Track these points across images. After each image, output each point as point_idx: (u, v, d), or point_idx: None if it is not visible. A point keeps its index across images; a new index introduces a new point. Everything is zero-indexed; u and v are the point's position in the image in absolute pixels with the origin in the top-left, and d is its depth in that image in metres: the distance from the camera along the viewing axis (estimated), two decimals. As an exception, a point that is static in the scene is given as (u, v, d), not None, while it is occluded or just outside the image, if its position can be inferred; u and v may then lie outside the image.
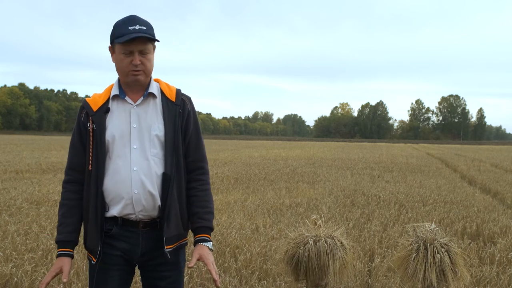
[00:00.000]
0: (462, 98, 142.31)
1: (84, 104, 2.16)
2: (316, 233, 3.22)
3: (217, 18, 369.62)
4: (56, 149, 27.78)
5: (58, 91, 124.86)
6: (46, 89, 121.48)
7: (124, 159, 2.09)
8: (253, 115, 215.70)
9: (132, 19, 2.08)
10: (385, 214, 7.57)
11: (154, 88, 2.16)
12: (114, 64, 2.15)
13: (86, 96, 2.41)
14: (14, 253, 4.83)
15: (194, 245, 2.16)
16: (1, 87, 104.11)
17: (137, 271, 2.30)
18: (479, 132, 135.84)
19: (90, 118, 2.11)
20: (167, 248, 2.11)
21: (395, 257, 3.34)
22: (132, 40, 2.03)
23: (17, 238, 5.41)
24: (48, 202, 8.18)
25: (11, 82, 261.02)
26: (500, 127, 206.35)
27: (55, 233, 2.28)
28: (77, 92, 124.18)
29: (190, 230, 2.25)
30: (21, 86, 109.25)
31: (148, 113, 2.13)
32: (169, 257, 2.13)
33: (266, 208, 8.03)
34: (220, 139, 76.69)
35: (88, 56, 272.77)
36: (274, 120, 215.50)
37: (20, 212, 7.19)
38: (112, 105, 2.14)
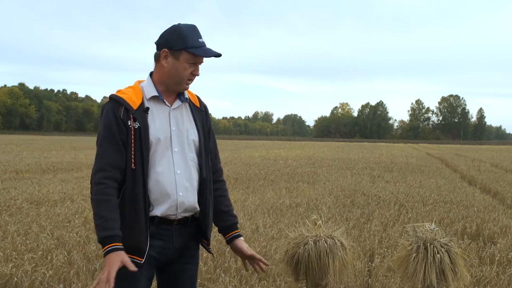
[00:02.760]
0: (462, 98, 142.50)
1: (120, 100, 2.09)
2: (316, 233, 3.22)
3: (216, 18, 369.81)
4: (56, 149, 27.79)
5: (58, 91, 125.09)
6: (46, 89, 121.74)
7: (167, 161, 2.13)
8: (253, 115, 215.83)
9: (197, 30, 2.15)
10: (385, 214, 7.57)
11: (186, 94, 2.25)
12: (165, 67, 2.13)
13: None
14: (14, 253, 4.83)
15: (232, 240, 2.36)
16: (1, 87, 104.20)
17: None
18: (479, 132, 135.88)
19: (132, 116, 2.07)
20: (205, 243, 2.32)
21: (395, 257, 3.34)
22: (208, 56, 2.12)
23: (17, 238, 5.41)
24: (48, 202, 8.18)
25: (11, 82, 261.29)
26: (500, 127, 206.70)
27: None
28: (77, 92, 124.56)
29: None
30: (21, 86, 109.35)
31: (184, 118, 2.21)
32: (211, 252, 2.38)
33: (266, 208, 8.03)
34: (220, 139, 76.68)
35: (88, 56, 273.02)
36: (274, 120, 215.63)
37: (20, 212, 7.19)
38: (149, 105, 2.13)
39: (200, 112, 2.29)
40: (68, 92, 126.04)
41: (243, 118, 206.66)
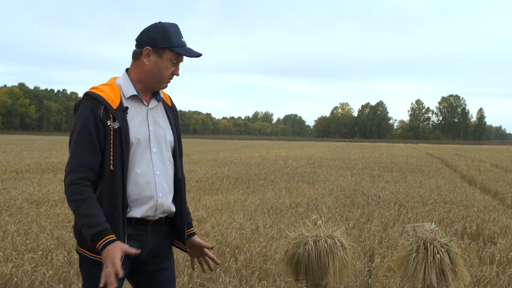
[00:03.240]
0: (462, 98, 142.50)
1: (100, 99, 2.00)
2: (316, 233, 3.22)
3: (216, 18, 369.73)
4: (56, 149, 27.78)
5: (58, 91, 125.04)
6: (46, 89, 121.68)
7: (147, 162, 2.10)
8: (253, 115, 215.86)
9: (179, 29, 2.13)
10: (385, 214, 7.57)
11: (161, 93, 2.22)
12: (146, 65, 2.08)
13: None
14: (14, 253, 4.83)
15: (189, 236, 2.34)
16: (1, 87, 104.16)
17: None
18: (479, 132, 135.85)
19: (111, 115, 2.00)
20: (179, 244, 2.29)
21: (395, 257, 3.34)
22: (191, 55, 2.10)
23: (17, 238, 5.41)
24: (48, 202, 8.18)
25: (11, 82, 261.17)
26: (500, 127, 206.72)
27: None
28: (77, 92, 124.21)
29: None
30: (21, 86, 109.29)
31: (160, 117, 2.18)
32: (188, 251, 2.34)
33: (266, 208, 8.03)
34: (220, 139, 76.71)
35: (88, 56, 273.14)
36: (274, 120, 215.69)
37: (20, 212, 7.19)
38: (128, 104, 2.08)
39: (172, 111, 2.27)
40: (68, 92, 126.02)
41: (243, 118, 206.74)
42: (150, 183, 2.09)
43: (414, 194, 9.99)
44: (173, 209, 2.21)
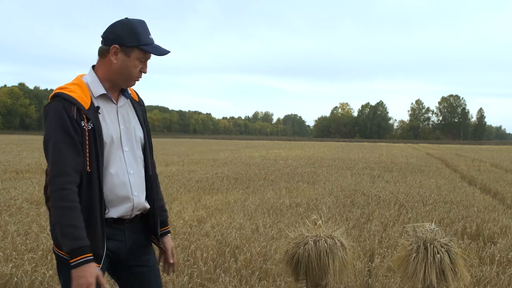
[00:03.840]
0: (462, 98, 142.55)
1: (72, 100, 1.95)
2: (316, 233, 3.22)
3: (216, 18, 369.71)
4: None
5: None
6: (46, 89, 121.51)
7: (120, 162, 2.07)
8: (253, 115, 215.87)
9: (147, 26, 2.08)
10: (385, 214, 7.57)
11: (129, 90, 2.19)
12: (114, 64, 2.04)
13: (56, 89, 2.04)
14: (14, 253, 4.83)
15: (162, 236, 2.32)
16: (1, 87, 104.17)
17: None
18: (479, 132, 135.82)
19: (85, 116, 1.96)
20: (156, 241, 2.28)
21: (395, 257, 3.34)
22: (161, 54, 2.08)
23: (17, 238, 5.41)
24: (48, 202, 8.17)
25: (11, 82, 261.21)
26: (500, 127, 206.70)
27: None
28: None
29: None
30: (21, 86, 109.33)
31: (129, 115, 2.16)
32: (162, 247, 2.32)
33: (266, 208, 8.03)
34: (220, 139, 76.69)
35: (88, 56, 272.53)
36: (274, 120, 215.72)
37: (20, 212, 7.19)
38: (98, 103, 2.04)
39: (140, 106, 2.25)
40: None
41: (243, 118, 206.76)
42: (125, 183, 2.08)
43: (414, 194, 9.99)
44: (147, 206, 2.20)
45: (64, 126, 1.93)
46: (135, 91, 2.27)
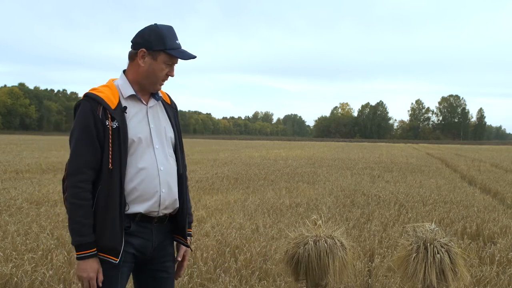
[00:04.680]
0: (462, 98, 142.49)
1: (99, 100, 2.07)
2: (316, 233, 3.22)
3: (216, 18, 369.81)
4: (56, 149, 27.78)
5: (58, 91, 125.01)
6: (46, 89, 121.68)
7: (150, 158, 2.15)
8: (253, 115, 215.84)
9: (174, 31, 2.17)
10: (385, 214, 7.57)
11: (159, 92, 2.27)
12: (141, 67, 2.13)
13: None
14: (14, 253, 4.83)
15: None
16: (1, 87, 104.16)
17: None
18: (479, 132, 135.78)
19: (110, 115, 2.06)
20: (181, 239, 2.32)
21: (395, 257, 3.34)
22: (186, 58, 2.14)
23: (17, 238, 5.41)
24: (48, 202, 8.18)
25: (11, 82, 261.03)
26: (500, 127, 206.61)
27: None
28: (77, 92, 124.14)
29: None
30: (21, 86, 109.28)
31: (160, 115, 2.25)
32: (191, 249, 2.39)
33: (266, 208, 8.03)
34: (220, 139, 76.68)
35: (88, 56, 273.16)
36: (274, 120, 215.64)
37: (20, 212, 7.19)
38: (127, 104, 2.14)
39: (171, 109, 2.32)
40: (68, 92, 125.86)
41: (243, 118, 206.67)
42: (154, 178, 2.14)
43: (414, 194, 9.99)
44: (177, 204, 2.25)
45: (87, 126, 2.05)
46: (167, 94, 2.36)
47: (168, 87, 2.29)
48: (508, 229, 6.57)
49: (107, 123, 2.05)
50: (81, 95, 2.17)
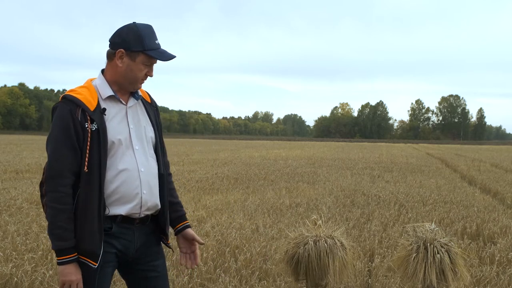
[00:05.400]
0: (462, 98, 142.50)
1: (77, 102, 2.02)
2: (316, 233, 3.22)
3: (215, 18, 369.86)
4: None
5: (58, 91, 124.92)
6: (46, 89, 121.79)
7: (130, 160, 2.12)
8: (253, 115, 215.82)
9: (153, 31, 2.13)
10: (385, 214, 7.57)
11: (139, 91, 2.24)
12: (119, 67, 2.10)
13: (64, 90, 2.14)
14: (14, 253, 4.83)
15: (182, 230, 2.36)
16: (1, 87, 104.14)
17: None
18: (479, 132, 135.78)
19: (89, 117, 2.02)
20: (166, 240, 2.32)
21: (395, 257, 3.34)
22: (165, 59, 2.11)
23: (17, 238, 5.41)
24: (48, 202, 8.17)
25: (11, 82, 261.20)
26: (500, 127, 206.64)
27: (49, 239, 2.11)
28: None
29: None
30: (21, 86, 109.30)
31: (139, 115, 2.21)
32: (171, 247, 2.37)
33: (266, 208, 8.03)
34: (220, 139, 76.68)
35: (88, 56, 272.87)
36: (274, 120, 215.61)
37: (20, 212, 7.19)
38: (105, 105, 2.10)
39: (152, 108, 2.29)
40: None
41: (243, 118, 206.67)
42: (135, 180, 2.12)
43: (414, 194, 9.99)
44: (159, 205, 2.23)
45: (65, 128, 2.01)
46: (147, 93, 2.33)
47: (168, 87, 2.28)
48: (508, 229, 6.57)
49: (86, 126, 2.02)
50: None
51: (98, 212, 2.04)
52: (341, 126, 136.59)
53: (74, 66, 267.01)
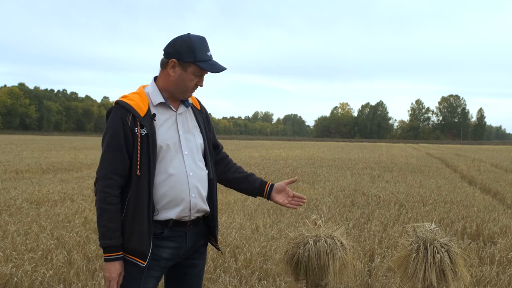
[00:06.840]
0: (462, 98, 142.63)
1: (128, 107, 2.12)
2: (316, 233, 3.21)
3: (215, 18, 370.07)
4: (56, 149, 27.78)
5: (58, 91, 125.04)
6: (46, 89, 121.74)
7: (179, 164, 2.18)
8: (253, 115, 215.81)
9: (206, 43, 2.20)
10: (385, 214, 7.57)
11: (189, 99, 2.32)
12: (171, 76, 2.16)
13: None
14: (14, 253, 4.83)
15: (271, 191, 2.51)
16: (1, 87, 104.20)
17: None
18: (479, 132, 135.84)
19: (139, 123, 2.11)
20: (214, 242, 2.43)
21: (395, 257, 3.34)
22: (215, 71, 2.19)
23: (17, 238, 5.41)
24: (48, 202, 8.18)
25: (11, 82, 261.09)
26: (500, 127, 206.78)
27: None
28: (77, 92, 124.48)
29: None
30: (21, 86, 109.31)
31: (189, 121, 2.29)
32: (220, 249, 2.51)
33: (266, 208, 8.03)
34: (220, 139, 76.21)
35: (88, 56, 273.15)
36: (274, 120, 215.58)
37: (20, 212, 7.19)
38: (156, 111, 2.18)
39: (201, 114, 2.37)
40: (68, 92, 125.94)
41: (243, 118, 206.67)
42: (184, 184, 2.18)
43: (414, 194, 9.99)
44: (207, 208, 2.30)
45: (116, 133, 2.11)
46: (197, 100, 2.40)
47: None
48: (508, 229, 6.57)
49: (136, 131, 2.11)
50: (81, 95, 2.20)
51: (148, 214, 2.11)
52: (341, 126, 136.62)
53: (74, 66, 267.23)
